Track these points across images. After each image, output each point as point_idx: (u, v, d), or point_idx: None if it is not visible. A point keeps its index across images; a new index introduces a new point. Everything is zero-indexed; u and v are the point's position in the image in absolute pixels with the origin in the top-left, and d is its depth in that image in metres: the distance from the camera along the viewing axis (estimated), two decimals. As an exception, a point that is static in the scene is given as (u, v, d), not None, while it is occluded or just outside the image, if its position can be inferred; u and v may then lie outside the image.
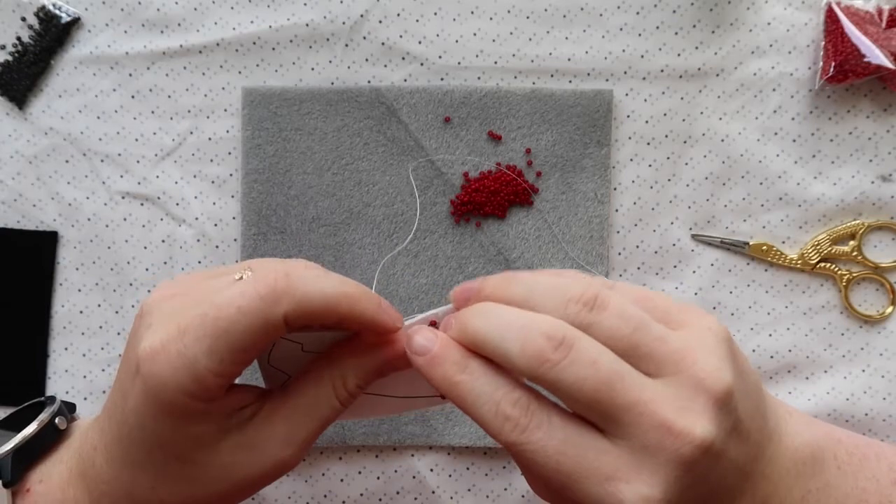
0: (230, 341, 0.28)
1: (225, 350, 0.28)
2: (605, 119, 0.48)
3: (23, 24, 0.49)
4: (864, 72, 0.46)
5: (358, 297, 0.30)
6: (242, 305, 0.28)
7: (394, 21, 0.48)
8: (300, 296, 0.29)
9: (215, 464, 0.31)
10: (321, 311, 0.29)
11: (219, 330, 0.28)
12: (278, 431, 0.32)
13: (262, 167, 0.48)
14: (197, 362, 0.28)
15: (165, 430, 0.30)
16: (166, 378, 0.28)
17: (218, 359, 0.28)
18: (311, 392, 0.32)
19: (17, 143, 0.49)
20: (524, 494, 0.48)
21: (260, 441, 0.31)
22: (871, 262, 0.48)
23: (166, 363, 0.28)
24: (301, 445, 0.32)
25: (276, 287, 0.29)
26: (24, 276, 0.48)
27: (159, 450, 0.30)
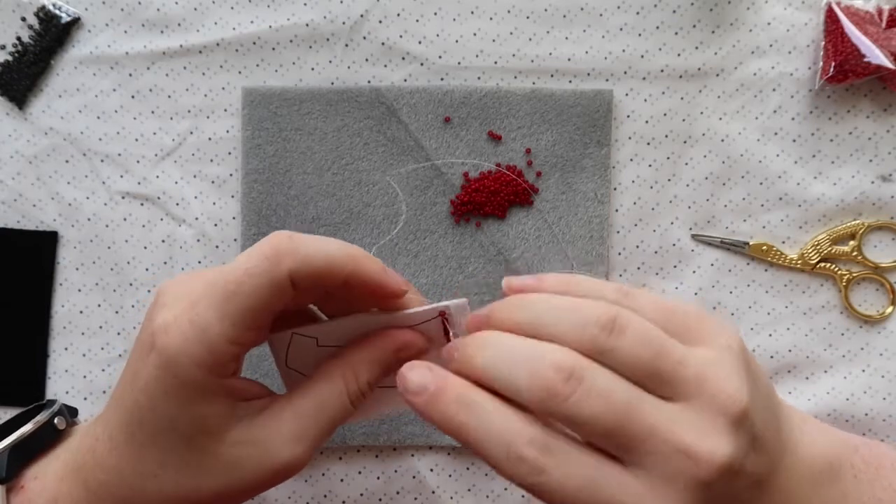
0: (239, 304, 0.29)
1: (235, 313, 0.29)
2: (605, 119, 0.48)
3: (23, 24, 0.49)
4: (864, 72, 0.46)
5: (361, 257, 0.30)
6: (249, 267, 0.29)
7: (394, 21, 0.48)
8: (304, 254, 0.29)
9: (220, 456, 0.31)
10: (325, 269, 0.30)
11: (228, 294, 0.29)
12: (286, 429, 0.31)
13: (262, 167, 0.48)
14: (209, 329, 0.29)
15: (174, 408, 0.30)
16: (179, 348, 0.29)
17: (229, 323, 0.29)
18: (322, 389, 0.32)
19: (17, 143, 0.49)
20: (524, 494, 0.48)
21: (266, 437, 0.31)
22: (871, 262, 0.48)
23: (179, 334, 0.29)
24: (309, 445, 0.31)
25: (280, 247, 0.29)
26: (24, 276, 0.49)
27: (166, 433, 0.30)
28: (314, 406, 0.32)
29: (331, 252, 0.30)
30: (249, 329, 0.30)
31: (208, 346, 0.29)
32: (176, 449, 0.30)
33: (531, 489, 0.27)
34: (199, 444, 0.30)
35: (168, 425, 0.30)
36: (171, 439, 0.30)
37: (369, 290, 0.31)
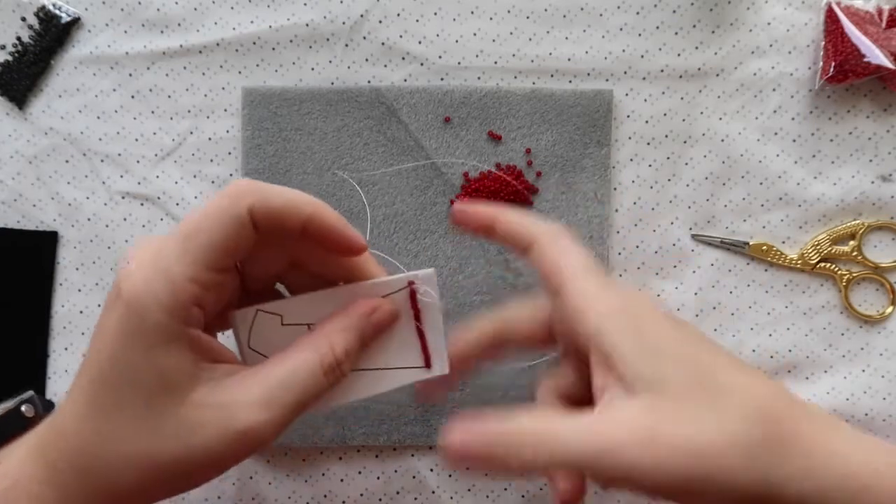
0: (200, 242, 0.29)
1: (196, 251, 0.29)
2: (605, 119, 0.48)
3: (23, 24, 0.49)
4: (864, 72, 0.46)
5: (322, 204, 0.31)
6: (208, 208, 0.29)
7: (394, 21, 0.48)
8: (263, 193, 0.30)
9: (181, 417, 0.30)
10: (284, 208, 0.30)
11: (188, 233, 0.29)
12: (252, 394, 0.30)
13: (262, 167, 0.48)
14: (170, 268, 0.29)
15: (136, 355, 0.29)
16: (142, 289, 0.28)
17: (190, 260, 0.29)
18: (294, 358, 0.31)
19: (17, 143, 0.49)
20: (524, 494, 0.48)
21: (231, 401, 0.30)
22: (871, 262, 0.48)
23: (142, 277, 0.29)
24: (277, 414, 0.30)
25: (240, 187, 0.30)
26: (24, 276, 0.48)
27: (126, 388, 0.29)
28: (284, 373, 0.31)
29: (291, 194, 0.30)
30: (210, 269, 0.29)
31: (170, 286, 0.29)
32: (135, 408, 0.30)
33: None
34: (159, 403, 0.29)
35: (129, 377, 0.29)
36: (130, 397, 0.30)
37: (329, 240, 0.31)
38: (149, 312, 0.29)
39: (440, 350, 0.35)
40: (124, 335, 0.29)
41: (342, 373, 0.32)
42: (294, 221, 0.30)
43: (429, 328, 0.34)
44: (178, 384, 0.30)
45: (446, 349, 0.35)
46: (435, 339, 0.35)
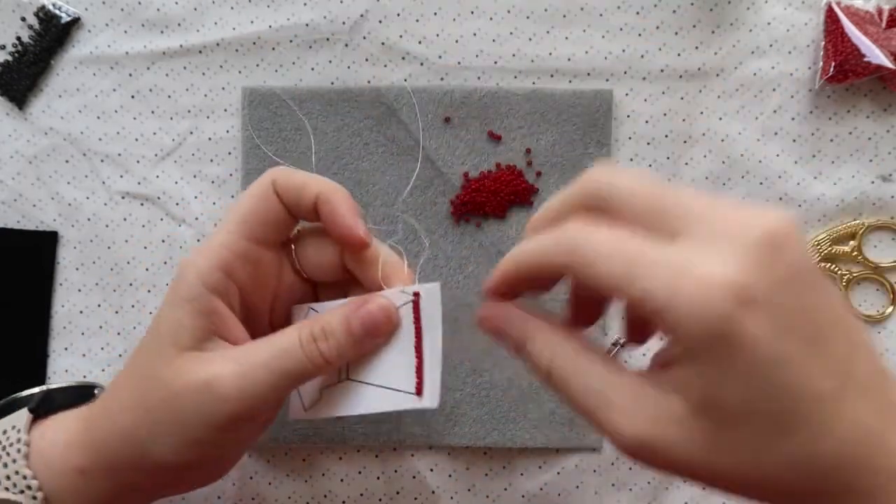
0: (234, 215, 0.35)
1: (231, 222, 0.35)
2: (605, 119, 0.48)
3: (23, 24, 0.49)
4: (864, 72, 0.46)
5: (335, 186, 0.35)
6: (247, 189, 0.35)
7: (394, 21, 0.48)
8: (288, 171, 0.35)
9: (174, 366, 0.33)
10: (300, 182, 0.35)
11: (229, 210, 0.35)
12: (231, 351, 0.34)
13: (262, 167, 0.48)
14: (211, 239, 0.35)
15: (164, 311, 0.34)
16: (186, 260, 0.34)
17: (225, 230, 0.35)
18: (281, 332, 0.34)
19: (17, 143, 0.49)
20: (524, 494, 0.48)
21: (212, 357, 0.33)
22: (871, 262, 0.48)
23: (192, 252, 0.36)
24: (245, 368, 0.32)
25: (272, 170, 0.36)
26: (24, 276, 0.48)
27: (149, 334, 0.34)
28: (266, 341, 0.34)
29: (310, 175, 0.35)
30: (243, 237, 0.35)
31: (205, 251, 0.34)
32: (149, 353, 0.34)
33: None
34: (164, 351, 0.33)
35: (154, 324, 0.34)
36: (149, 342, 0.34)
37: (334, 225, 0.35)
38: (183, 275, 0.34)
39: (434, 380, 0.34)
40: (165, 298, 0.34)
41: (320, 352, 0.33)
42: (308, 196, 0.35)
43: (428, 351, 0.34)
44: (185, 341, 0.33)
45: (440, 381, 0.34)
46: (431, 366, 0.34)
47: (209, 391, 0.32)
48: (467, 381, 0.47)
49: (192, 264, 0.34)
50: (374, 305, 0.34)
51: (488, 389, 0.47)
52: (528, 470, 0.48)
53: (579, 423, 0.47)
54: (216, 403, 0.32)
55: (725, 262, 0.23)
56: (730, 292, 0.22)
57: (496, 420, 0.47)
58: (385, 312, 0.34)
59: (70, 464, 0.35)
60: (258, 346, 0.34)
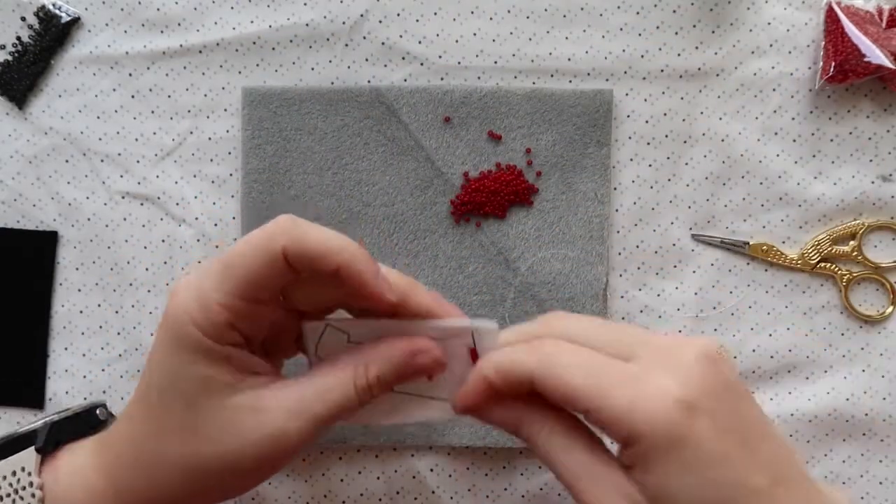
0: (235, 273, 0.31)
1: (230, 281, 0.31)
2: (605, 119, 0.48)
3: (23, 23, 0.49)
4: (864, 72, 0.46)
5: (357, 252, 0.32)
6: (250, 240, 0.32)
7: (394, 21, 0.48)
8: (300, 234, 0.31)
9: (218, 418, 0.32)
10: (316, 251, 0.31)
11: (228, 263, 0.32)
12: (287, 402, 0.32)
13: (262, 167, 0.48)
14: (207, 296, 0.31)
15: (177, 365, 0.32)
16: (181, 307, 0.31)
17: (225, 290, 0.31)
18: (330, 374, 0.33)
19: (17, 143, 0.49)
20: (524, 494, 0.48)
21: (267, 406, 0.32)
22: (871, 262, 0.48)
23: (183, 296, 0.32)
24: (308, 422, 0.32)
25: (279, 225, 0.32)
26: (24, 276, 0.48)
27: (169, 392, 0.32)
28: (319, 387, 0.33)
29: (326, 237, 0.32)
30: (244, 299, 0.31)
31: (205, 311, 0.31)
32: (177, 408, 0.32)
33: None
34: (199, 405, 0.32)
35: (172, 382, 0.32)
36: (173, 399, 0.32)
37: (359, 290, 0.32)
38: (185, 328, 0.31)
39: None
40: (168, 346, 0.32)
41: (373, 395, 0.33)
42: (326, 267, 0.31)
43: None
44: (218, 390, 0.32)
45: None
46: None
47: (275, 446, 0.32)
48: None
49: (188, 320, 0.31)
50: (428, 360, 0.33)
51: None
52: (528, 470, 0.48)
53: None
54: (284, 455, 0.33)
55: (673, 378, 0.28)
56: (678, 402, 0.27)
57: (496, 420, 0.47)
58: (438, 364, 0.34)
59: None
60: (312, 395, 0.33)
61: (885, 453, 0.48)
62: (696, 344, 0.30)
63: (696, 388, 0.28)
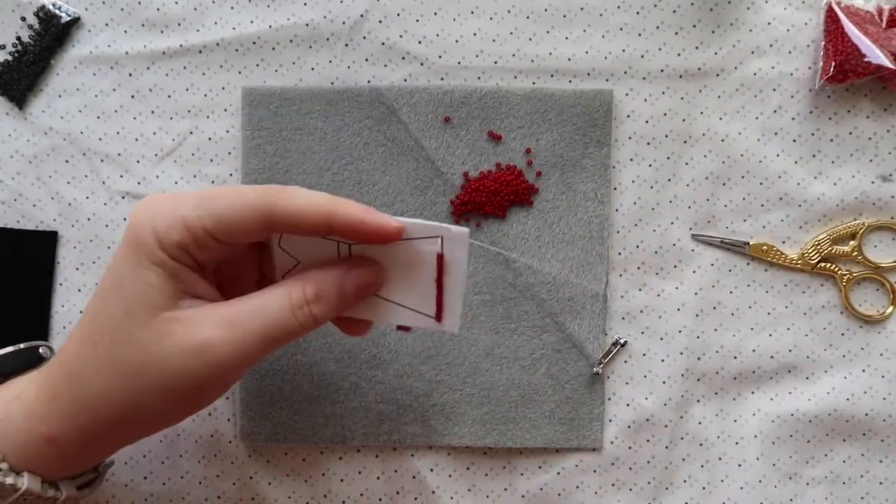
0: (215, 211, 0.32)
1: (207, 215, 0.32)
2: (605, 119, 0.48)
3: (23, 23, 0.49)
4: (864, 72, 0.46)
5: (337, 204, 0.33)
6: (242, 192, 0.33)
7: (394, 21, 0.48)
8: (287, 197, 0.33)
9: (151, 328, 0.32)
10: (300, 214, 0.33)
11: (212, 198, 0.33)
12: (218, 315, 0.33)
13: (262, 167, 0.48)
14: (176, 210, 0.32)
15: (125, 270, 0.33)
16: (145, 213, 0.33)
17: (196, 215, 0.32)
18: (267, 291, 0.34)
19: (17, 143, 0.49)
20: (524, 494, 0.48)
21: (195, 317, 0.33)
22: (871, 262, 0.48)
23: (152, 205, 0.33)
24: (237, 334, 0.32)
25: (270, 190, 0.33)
26: (24, 276, 0.49)
27: (114, 295, 0.33)
28: (254, 304, 0.33)
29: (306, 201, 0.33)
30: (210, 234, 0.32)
31: (169, 222, 0.32)
32: (116, 313, 0.33)
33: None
34: (137, 312, 0.32)
35: (115, 284, 0.33)
36: (115, 302, 0.33)
37: (357, 234, 0.33)
38: (143, 235, 0.32)
39: (455, 309, 0.35)
40: (123, 249, 0.33)
41: (313, 316, 0.33)
42: (310, 225, 0.33)
43: (449, 286, 0.35)
44: (158, 302, 0.32)
45: (461, 310, 0.35)
46: (453, 297, 0.35)
47: (200, 357, 0.32)
48: (467, 381, 0.47)
49: (150, 229, 0.32)
50: (367, 270, 0.34)
51: (488, 389, 0.47)
52: (528, 470, 0.48)
53: (579, 423, 0.47)
54: (208, 368, 0.32)
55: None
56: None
57: (496, 420, 0.47)
58: (378, 275, 0.35)
59: (36, 433, 0.34)
60: (245, 310, 0.33)
61: (885, 453, 0.48)
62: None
63: None
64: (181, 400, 0.33)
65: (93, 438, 0.35)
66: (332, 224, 0.33)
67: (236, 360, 0.32)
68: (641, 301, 0.48)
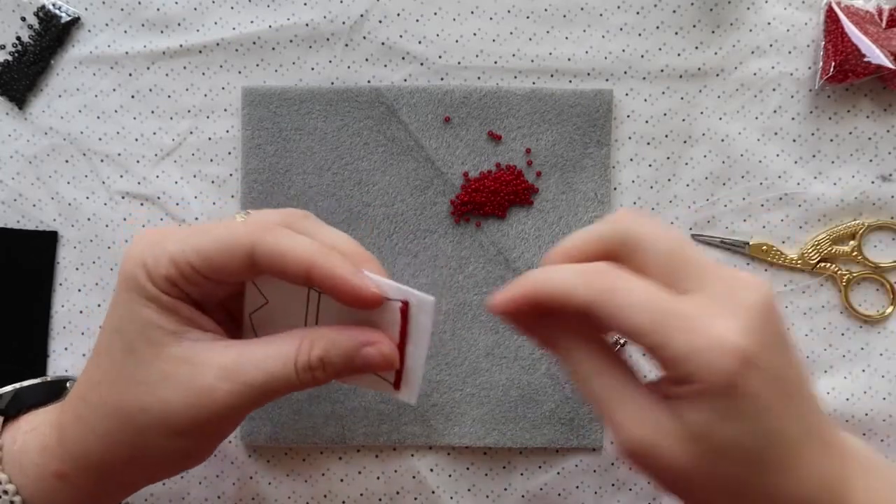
0: (199, 248, 0.32)
1: (192, 252, 0.32)
2: (605, 119, 0.48)
3: (23, 23, 0.49)
4: (864, 72, 0.46)
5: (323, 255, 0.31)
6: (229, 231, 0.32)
7: (394, 21, 0.48)
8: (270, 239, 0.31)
9: (154, 367, 0.32)
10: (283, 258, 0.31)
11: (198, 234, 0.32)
12: (223, 360, 0.32)
13: (262, 167, 0.48)
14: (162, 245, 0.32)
15: (123, 308, 0.32)
16: (136, 250, 0.32)
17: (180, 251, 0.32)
18: (273, 343, 0.33)
19: (17, 143, 0.49)
20: (524, 494, 0.48)
21: (201, 361, 0.32)
22: (871, 262, 0.48)
23: (142, 241, 0.33)
24: (238, 386, 0.31)
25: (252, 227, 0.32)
26: (24, 276, 0.48)
27: (115, 334, 0.33)
28: (259, 354, 0.32)
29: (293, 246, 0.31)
30: (197, 272, 0.32)
31: (155, 258, 0.32)
32: (118, 353, 0.33)
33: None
34: (138, 351, 0.32)
35: (116, 325, 0.33)
36: (116, 342, 0.33)
37: (335, 291, 0.32)
38: (135, 272, 0.32)
39: (415, 378, 0.33)
40: (119, 287, 0.33)
41: (315, 379, 0.32)
42: (291, 271, 0.31)
43: (411, 353, 0.33)
44: (159, 338, 0.32)
45: (421, 380, 0.33)
46: (413, 366, 0.33)
47: (200, 403, 0.32)
48: (467, 381, 0.47)
49: (141, 264, 0.32)
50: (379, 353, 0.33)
51: (488, 389, 0.47)
52: (528, 470, 0.48)
53: (579, 423, 0.47)
54: (209, 414, 0.32)
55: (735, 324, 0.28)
56: (738, 353, 0.27)
57: (496, 420, 0.47)
58: (390, 361, 0.33)
59: (48, 469, 0.34)
60: (249, 360, 0.32)
61: (886, 453, 0.48)
62: (758, 287, 0.29)
63: (756, 340, 0.28)
64: (184, 442, 0.33)
65: (103, 478, 0.34)
66: (312, 275, 0.31)
67: (236, 410, 0.32)
68: (641, 301, 0.48)
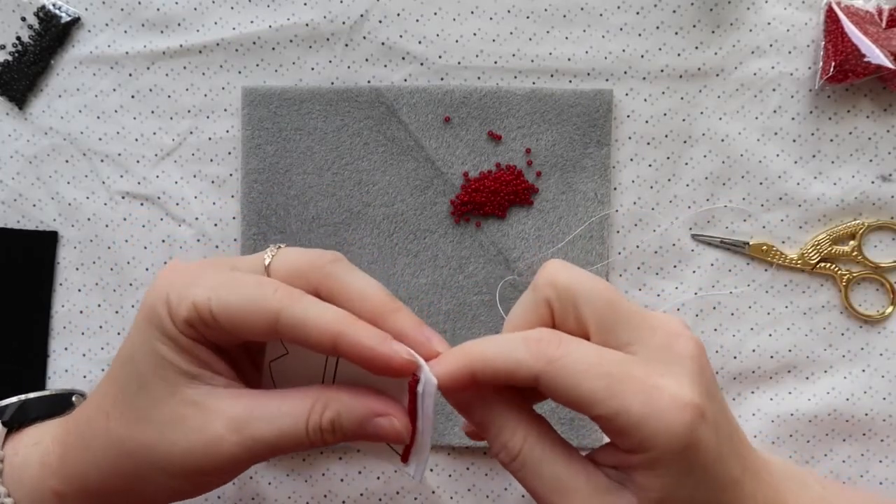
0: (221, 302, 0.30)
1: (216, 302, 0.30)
2: (605, 119, 0.48)
3: (23, 23, 0.49)
4: (864, 72, 0.46)
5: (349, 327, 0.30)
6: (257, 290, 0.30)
7: (394, 21, 0.48)
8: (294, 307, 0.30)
9: (164, 407, 0.31)
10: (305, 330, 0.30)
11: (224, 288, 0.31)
12: (234, 411, 0.31)
13: (262, 167, 0.48)
14: (188, 288, 0.31)
15: (139, 340, 0.32)
16: (162, 284, 0.31)
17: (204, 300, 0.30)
18: (287, 399, 0.31)
19: (17, 143, 0.49)
20: (524, 494, 0.48)
21: (212, 408, 0.31)
22: (871, 262, 0.48)
23: (170, 276, 0.32)
24: (246, 439, 0.30)
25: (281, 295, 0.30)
26: (24, 276, 0.48)
27: (129, 365, 0.32)
28: (271, 409, 0.31)
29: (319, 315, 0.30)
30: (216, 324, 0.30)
31: (178, 299, 0.31)
32: (130, 387, 0.32)
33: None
34: (151, 387, 0.31)
35: (131, 356, 0.32)
36: (130, 374, 0.32)
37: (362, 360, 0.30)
38: (156, 307, 0.31)
39: (423, 452, 0.32)
40: (138, 317, 0.32)
41: (324, 440, 0.31)
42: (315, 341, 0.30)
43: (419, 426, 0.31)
44: (173, 377, 0.31)
45: (428, 457, 0.32)
46: (422, 440, 0.32)
47: (207, 451, 0.31)
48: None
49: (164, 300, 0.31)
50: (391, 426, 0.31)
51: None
52: (528, 470, 0.48)
53: (579, 423, 0.47)
54: (214, 463, 0.31)
55: (684, 383, 0.28)
56: (693, 411, 0.28)
57: (496, 420, 0.47)
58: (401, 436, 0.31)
59: (46, 485, 0.34)
60: (260, 414, 0.31)
61: (886, 453, 0.48)
62: (689, 335, 0.30)
63: (702, 392, 0.28)
64: (184, 484, 0.32)
65: (100, 502, 0.34)
66: (338, 347, 0.30)
67: (241, 461, 0.31)
68: (641, 301, 0.48)
